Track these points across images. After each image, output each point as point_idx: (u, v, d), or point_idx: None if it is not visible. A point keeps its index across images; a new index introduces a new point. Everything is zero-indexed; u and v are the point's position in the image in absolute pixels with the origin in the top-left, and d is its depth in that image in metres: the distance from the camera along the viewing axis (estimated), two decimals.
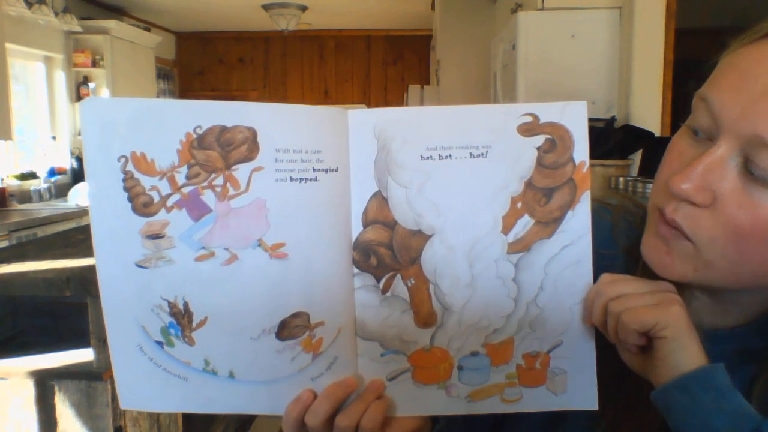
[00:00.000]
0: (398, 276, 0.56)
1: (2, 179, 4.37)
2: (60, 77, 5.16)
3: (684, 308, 0.48)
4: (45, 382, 1.41)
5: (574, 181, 0.56)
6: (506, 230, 0.56)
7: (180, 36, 7.43)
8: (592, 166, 1.97)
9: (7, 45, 3.94)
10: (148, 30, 6.21)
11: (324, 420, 0.53)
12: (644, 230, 0.54)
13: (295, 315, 0.53)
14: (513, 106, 0.56)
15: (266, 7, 4.76)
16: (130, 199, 0.51)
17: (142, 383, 0.55)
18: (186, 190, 0.51)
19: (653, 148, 2.01)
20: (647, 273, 0.54)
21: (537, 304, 0.57)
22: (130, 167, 0.51)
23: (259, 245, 0.52)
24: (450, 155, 0.55)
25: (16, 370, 1.42)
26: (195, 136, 0.50)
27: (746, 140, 0.45)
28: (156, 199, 0.51)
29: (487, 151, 0.55)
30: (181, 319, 0.53)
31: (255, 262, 0.52)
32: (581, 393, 0.57)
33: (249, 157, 0.51)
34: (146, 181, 0.51)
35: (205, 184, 0.51)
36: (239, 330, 0.53)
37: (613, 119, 2.12)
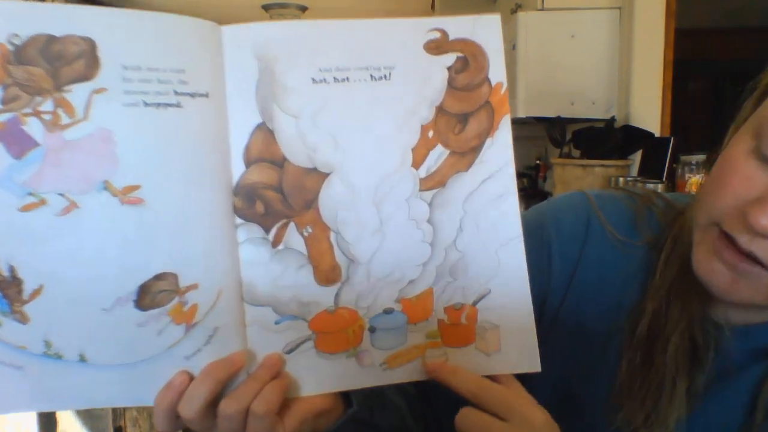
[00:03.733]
0: (292, 224, 0.46)
1: None
2: None
3: None
4: None
5: (491, 105, 0.48)
6: (417, 164, 0.47)
7: None
8: (591, 166, 1.98)
9: None
10: None
11: (202, 408, 0.42)
12: (695, 243, 0.48)
13: (159, 277, 0.42)
14: (418, 20, 0.48)
15: (266, 8, 4.56)
16: None
17: None
18: (1, 118, 0.39)
19: (653, 148, 1.99)
20: (670, 268, 0.53)
21: (457, 247, 0.49)
22: None
23: (106, 188, 0.41)
24: (347, 78, 0.46)
25: None
26: (10, 48, 0.39)
27: None
28: None
29: (390, 73, 0.47)
30: (8, 289, 0.41)
31: (101, 211, 0.41)
32: (518, 352, 0.49)
33: (87, 75, 0.40)
34: None
35: (29, 110, 0.39)
36: (87, 300, 0.41)
37: (613, 119, 2.11)
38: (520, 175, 3.22)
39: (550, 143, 2.34)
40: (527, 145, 3.27)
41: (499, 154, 0.48)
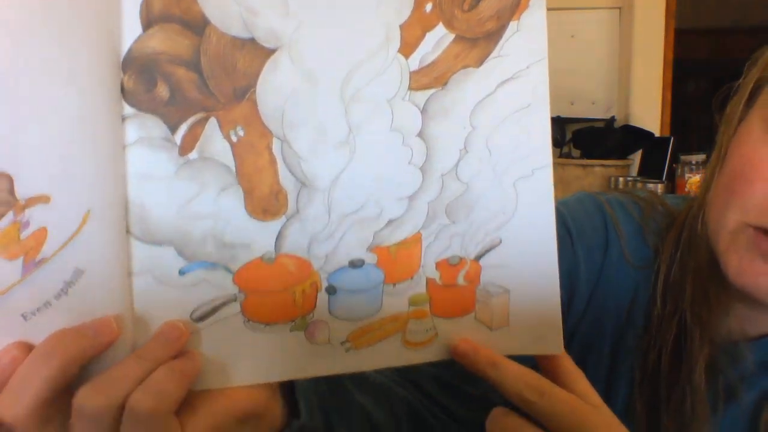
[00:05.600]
0: (212, 121, 0.30)
1: None
2: None
3: None
4: None
5: None
6: (407, 50, 0.32)
7: None
8: (591, 166, 1.93)
9: None
10: None
11: (38, 406, 0.25)
12: (725, 251, 0.45)
13: None
14: None
15: None
16: None
17: None
18: None
19: (653, 148, 1.99)
20: (675, 289, 0.49)
21: (459, 176, 0.33)
22: None
23: None
24: None
25: None
26: None
27: None
28: None
29: None
30: None
31: None
32: (534, 327, 0.34)
33: None
34: None
35: None
36: None
37: (612, 119, 2.11)
38: None
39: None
40: None
41: (528, 46, 0.33)
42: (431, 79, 0.33)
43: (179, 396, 0.27)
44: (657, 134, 2.08)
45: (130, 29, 0.29)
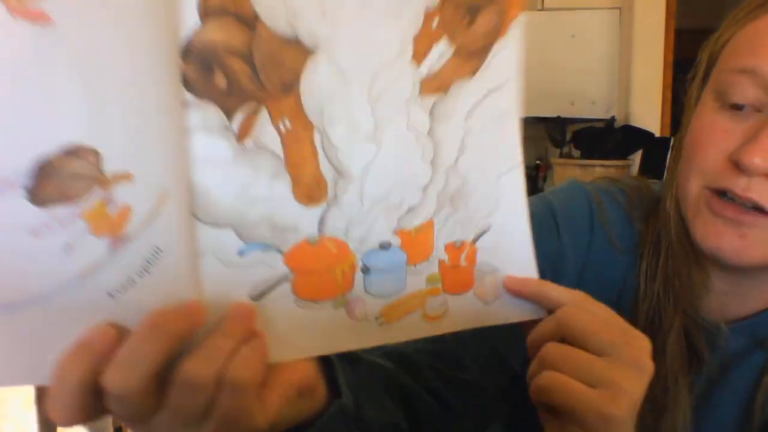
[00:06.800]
0: (264, 112, 0.32)
1: None
2: None
3: (637, 400, 0.36)
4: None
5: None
6: (419, 58, 0.37)
7: None
8: (592, 166, 1.91)
9: None
10: None
11: (148, 378, 0.26)
12: (692, 218, 0.47)
13: (71, 152, 0.25)
14: None
15: None
16: None
17: None
18: None
19: (653, 148, 1.94)
20: (655, 266, 0.50)
21: (459, 170, 0.39)
22: None
23: None
24: None
25: None
26: None
27: None
28: None
29: None
30: None
31: None
32: (517, 300, 0.40)
33: None
34: None
35: None
36: None
37: (613, 119, 2.05)
38: None
39: (550, 143, 2.28)
40: (527, 145, 3.12)
41: (507, 63, 0.40)
42: (436, 86, 0.38)
43: (264, 368, 0.29)
44: (657, 134, 2.05)
45: (188, 20, 0.30)
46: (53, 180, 0.24)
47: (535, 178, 3.10)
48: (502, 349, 0.51)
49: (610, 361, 0.35)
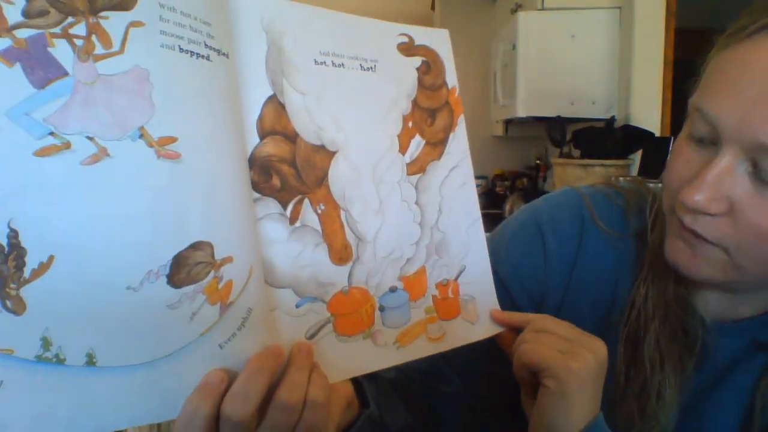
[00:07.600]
0: (306, 201, 0.44)
1: None
2: None
3: (594, 368, 0.44)
4: None
5: (450, 105, 0.54)
6: (403, 149, 0.50)
7: None
8: (592, 166, 1.91)
9: None
10: None
11: (257, 407, 0.36)
12: (667, 232, 0.50)
13: (196, 247, 0.36)
14: (390, 25, 0.52)
15: None
16: None
17: None
18: (22, 33, 0.30)
19: (653, 148, 1.92)
20: (657, 260, 0.52)
21: (439, 227, 0.52)
22: None
23: (141, 137, 0.34)
24: (343, 64, 0.48)
25: None
26: None
27: (750, 147, 0.42)
28: None
29: (375, 65, 0.50)
30: (4, 262, 0.30)
31: (134, 163, 0.33)
32: (489, 320, 0.53)
33: (124, 3, 0.34)
34: None
35: (58, 30, 0.31)
36: (109, 276, 0.33)
37: (613, 119, 2.03)
38: (520, 175, 3.14)
39: (550, 143, 2.26)
40: (527, 145, 3.14)
41: (460, 147, 0.54)
42: (417, 167, 0.51)
43: (330, 388, 0.40)
44: (657, 134, 2.01)
45: (251, 138, 0.42)
46: (184, 269, 0.35)
47: (535, 178, 3.05)
48: (482, 359, 0.58)
49: (571, 342, 0.46)
